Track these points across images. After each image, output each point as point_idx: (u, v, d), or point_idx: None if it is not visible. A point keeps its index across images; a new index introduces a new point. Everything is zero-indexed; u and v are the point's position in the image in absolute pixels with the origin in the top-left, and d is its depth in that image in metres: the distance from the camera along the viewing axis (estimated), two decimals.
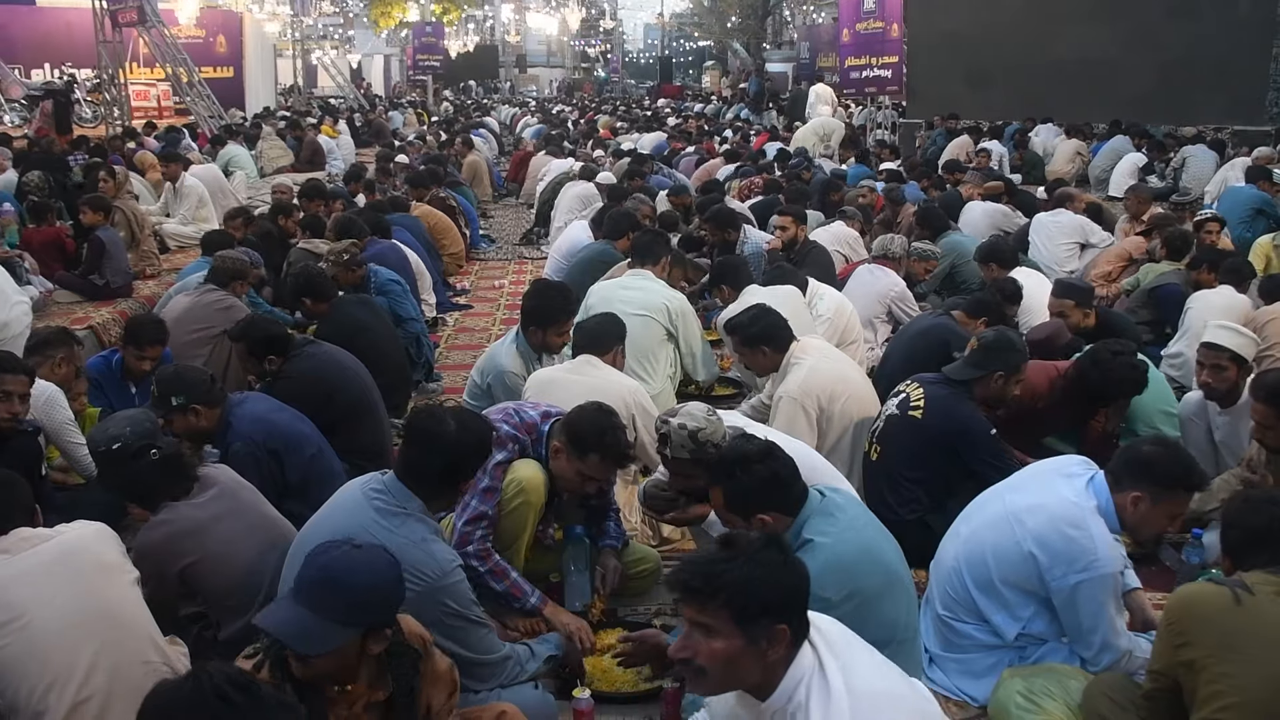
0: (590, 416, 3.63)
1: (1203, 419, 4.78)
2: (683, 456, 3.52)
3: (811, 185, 10.91)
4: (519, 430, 3.77)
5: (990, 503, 3.45)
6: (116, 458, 3.29)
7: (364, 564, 2.44)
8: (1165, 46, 16.24)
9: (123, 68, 18.99)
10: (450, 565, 2.99)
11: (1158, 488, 3.14)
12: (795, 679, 2.19)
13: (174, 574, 3.21)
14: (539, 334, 4.96)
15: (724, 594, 2.14)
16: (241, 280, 6.23)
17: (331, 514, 3.06)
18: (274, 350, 4.80)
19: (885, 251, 6.98)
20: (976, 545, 3.33)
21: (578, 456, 3.60)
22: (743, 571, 2.16)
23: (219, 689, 1.85)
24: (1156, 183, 13.41)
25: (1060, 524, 3.15)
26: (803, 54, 37.21)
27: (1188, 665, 2.58)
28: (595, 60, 61.02)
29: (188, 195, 11.05)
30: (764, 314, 4.74)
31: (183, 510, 3.27)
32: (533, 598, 3.65)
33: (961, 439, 4.20)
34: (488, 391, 5.00)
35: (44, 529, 2.92)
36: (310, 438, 4.29)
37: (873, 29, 19.03)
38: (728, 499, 3.07)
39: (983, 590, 3.29)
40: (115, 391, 5.26)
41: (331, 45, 37.40)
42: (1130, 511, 3.16)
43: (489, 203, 15.02)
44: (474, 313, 9.11)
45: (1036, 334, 5.39)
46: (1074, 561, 3.11)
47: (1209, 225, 7.82)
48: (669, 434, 3.51)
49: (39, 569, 2.74)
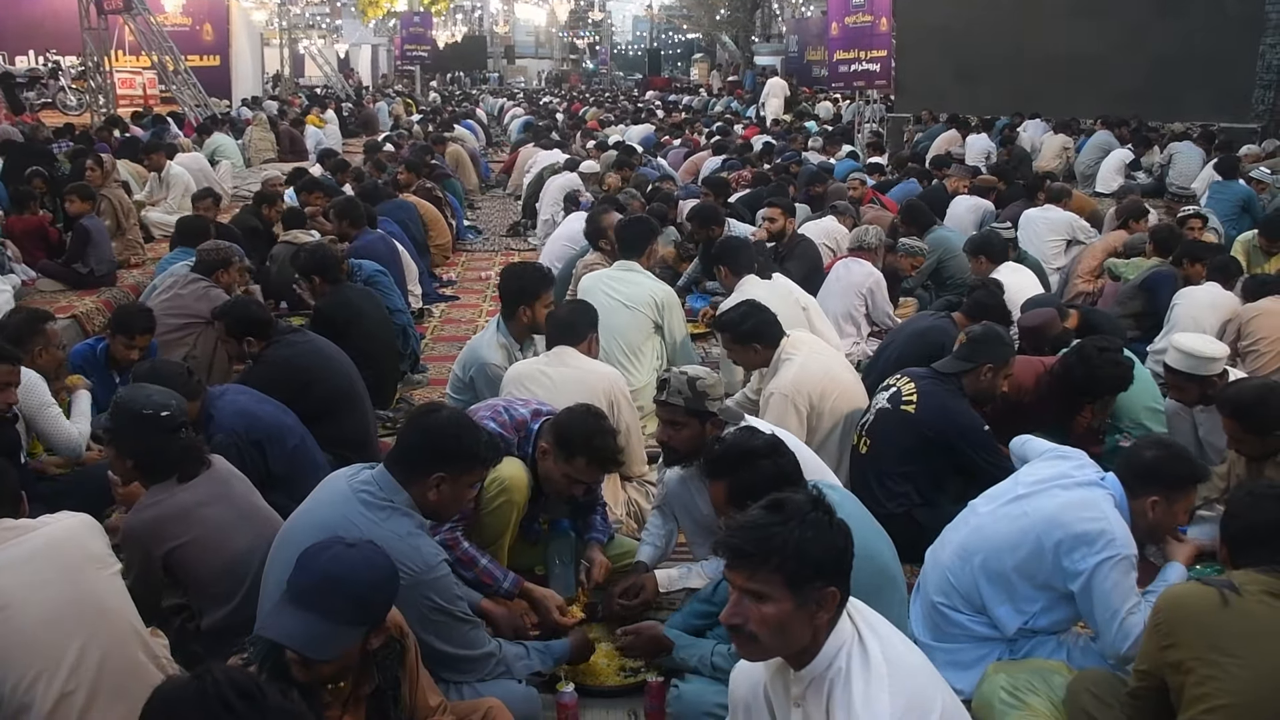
0: (579, 419, 3.62)
1: (1187, 414, 4.83)
2: (677, 403, 3.58)
3: (798, 179, 10.91)
4: (506, 429, 3.75)
5: (1004, 493, 3.43)
6: (154, 424, 3.25)
7: (362, 562, 2.44)
8: (1153, 42, 16.31)
9: (108, 55, 18.82)
10: (435, 560, 2.95)
11: (1170, 489, 3.20)
12: (836, 646, 2.21)
13: (159, 556, 3.18)
14: (528, 311, 4.94)
15: (776, 557, 2.13)
16: (225, 269, 6.19)
17: (316, 506, 3.03)
18: (251, 332, 4.79)
19: (861, 243, 7.00)
20: (991, 534, 3.32)
21: (565, 459, 3.59)
22: (795, 534, 2.15)
23: (223, 695, 1.83)
24: (1144, 178, 13.45)
25: (1077, 509, 3.18)
26: (791, 47, 37.12)
27: (1175, 666, 2.58)
28: (584, 52, 60.86)
29: (173, 184, 11.04)
30: (755, 310, 4.73)
31: (173, 493, 3.25)
32: (505, 582, 3.62)
33: (957, 435, 4.20)
34: (470, 385, 4.97)
35: (28, 519, 2.89)
36: (293, 429, 4.27)
37: (861, 23, 19.00)
38: (731, 493, 3.06)
39: (992, 580, 3.28)
40: (100, 379, 5.22)
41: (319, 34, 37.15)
42: (1150, 516, 3.21)
43: (475, 194, 14.99)
44: (460, 304, 9.09)
45: (1029, 320, 5.38)
46: (1092, 543, 3.12)
47: (1191, 222, 7.85)
48: (669, 379, 3.59)
49: (24, 559, 2.71)
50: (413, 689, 2.68)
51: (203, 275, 6.07)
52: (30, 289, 7.98)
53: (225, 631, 3.16)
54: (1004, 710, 2.99)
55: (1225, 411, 4.08)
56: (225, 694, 1.83)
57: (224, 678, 1.87)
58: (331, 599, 2.36)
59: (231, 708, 1.82)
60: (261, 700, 1.86)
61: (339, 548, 2.45)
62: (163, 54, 19.38)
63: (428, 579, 2.92)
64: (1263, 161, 11.99)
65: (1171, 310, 6.06)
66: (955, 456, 4.21)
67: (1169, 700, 2.62)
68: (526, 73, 56.30)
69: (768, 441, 3.13)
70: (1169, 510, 3.22)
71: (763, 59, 37.69)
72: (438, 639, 2.97)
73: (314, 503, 3.06)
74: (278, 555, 2.95)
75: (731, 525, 2.24)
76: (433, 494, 3.00)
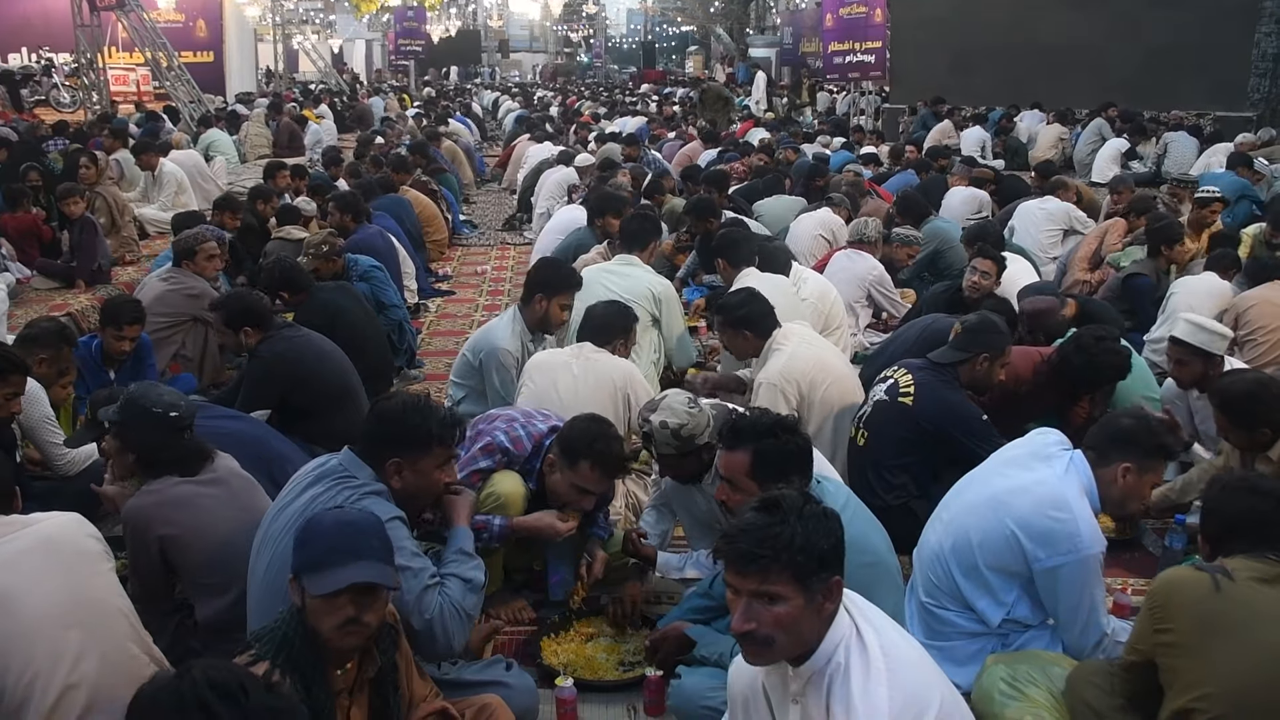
0: (581, 425, 3.61)
1: (1184, 402, 4.82)
2: (669, 453, 3.55)
3: (795, 170, 10.89)
4: (516, 444, 3.72)
5: (971, 487, 3.45)
6: (163, 422, 3.30)
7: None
8: (1149, 32, 16.30)
9: (101, 52, 18.80)
10: (387, 516, 2.81)
11: (1143, 457, 3.22)
12: (834, 641, 2.20)
13: (156, 539, 3.21)
14: (544, 302, 4.93)
15: (785, 555, 2.12)
16: (190, 258, 6.18)
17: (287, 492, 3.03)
18: (249, 322, 4.77)
19: (861, 236, 7.01)
20: (960, 530, 3.33)
21: (569, 465, 3.57)
22: (798, 529, 2.14)
23: (201, 697, 1.79)
24: (1139, 168, 13.45)
25: (1044, 507, 3.16)
26: (786, 39, 37.17)
27: (1167, 648, 2.61)
28: (578, 45, 60.78)
29: (166, 182, 11.02)
30: (752, 299, 4.73)
31: (176, 482, 3.29)
32: (496, 522, 3.59)
33: (955, 426, 4.19)
34: (479, 369, 4.97)
35: (21, 515, 2.88)
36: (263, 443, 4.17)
37: (856, 14, 19.03)
38: (756, 464, 3.01)
39: (967, 575, 3.29)
40: (93, 376, 5.22)
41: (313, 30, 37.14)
42: (1119, 484, 3.21)
43: (470, 189, 14.96)
44: (456, 299, 9.07)
45: (1034, 304, 5.35)
46: (1057, 545, 3.12)
47: (1214, 206, 7.85)
48: (652, 433, 3.53)
49: (21, 555, 2.70)
50: (408, 676, 2.70)
51: (175, 264, 6.13)
52: (25, 286, 7.97)
53: (222, 628, 3.18)
54: (1004, 702, 2.99)
55: (1215, 403, 4.09)
56: (204, 695, 1.79)
57: (204, 678, 1.82)
58: (364, 541, 2.44)
59: (211, 710, 1.79)
60: (244, 699, 1.82)
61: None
62: (156, 50, 19.34)
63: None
64: (1258, 150, 12.00)
65: (1169, 299, 6.05)
66: (953, 448, 4.19)
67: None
68: (521, 67, 56.23)
69: (792, 418, 3.11)
70: (1139, 480, 3.22)
71: (757, 51, 37.71)
72: None
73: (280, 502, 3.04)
74: (261, 550, 2.95)
75: (730, 532, 2.21)
76: (395, 480, 2.96)
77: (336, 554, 2.40)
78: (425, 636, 2.86)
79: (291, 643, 2.40)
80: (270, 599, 2.79)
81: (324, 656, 2.44)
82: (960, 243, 7.26)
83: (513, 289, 9.11)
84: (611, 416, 4.12)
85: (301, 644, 2.41)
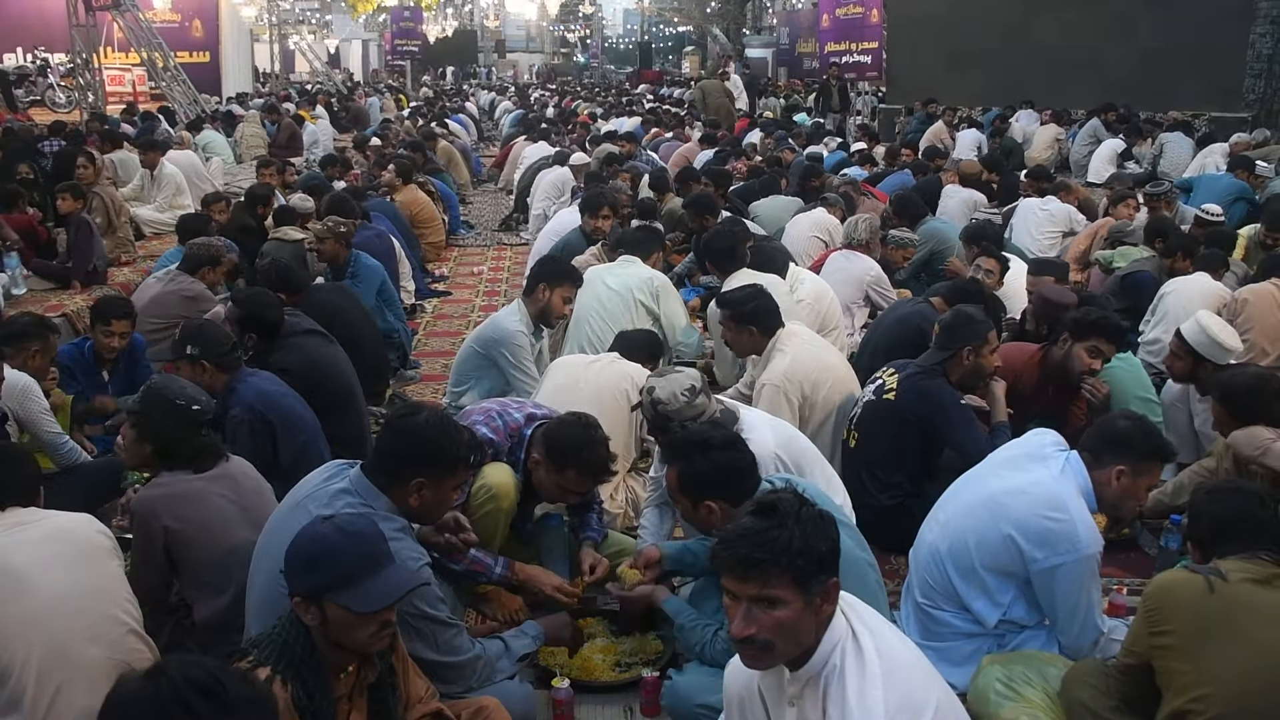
0: (569, 430, 3.61)
1: (1184, 405, 4.83)
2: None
3: (790, 171, 10.89)
4: (498, 434, 3.73)
5: (967, 488, 3.45)
6: (183, 415, 3.35)
7: (352, 517, 2.59)
8: (1145, 33, 16.32)
9: (97, 52, 18.77)
10: (417, 564, 2.83)
11: (1138, 460, 3.22)
12: (830, 644, 2.20)
13: (160, 529, 3.22)
14: (547, 292, 5.07)
15: (785, 559, 2.12)
16: (212, 266, 6.16)
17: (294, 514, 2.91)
18: (251, 329, 4.74)
19: (851, 237, 7.01)
20: (957, 531, 3.34)
21: (556, 470, 3.58)
22: (795, 532, 2.14)
23: (180, 694, 1.75)
24: (1135, 168, 13.45)
25: (1041, 508, 3.17)
26: (782, 39, 37.10)
27: (1163, 651, 2.61)
28: (574, 45, 60.76)
29: (165, 183, 10.97)
30: (759, 295, 4.72)
31: (187, 478, 3.33)
32: (497, 567, 3.60)
33: (933, 411, 4.20)
34: (494, 364, 5.06)
35: (39, 509, 3.00)
36: (307, 425, 4.27)
37: (852, 14, 19.05)
38: (680, 480, 3.12)
39: (963, 576, 3.30)
40: (88, 377, 5.23)
41: (309, 30, 37.12)
42: (1114, 486, 3.22)
43: (467, 189, 14.95)
44: (452, 299, 9.05)
45: (1057, 295, 5.31)
46: (1055, 546, 3.13)
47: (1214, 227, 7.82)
48: (642, 394, 3.72)
49: (34, 542, 2.82)
50: (405, 678, 2.69)
51: (188, 272, 6.06)
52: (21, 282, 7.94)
53: (219, 628, 3.19)
54: (999, 702, 2.99)
55: (1216, 395, 4.12)
56: (183, 694, 1.75)
57: (181, 676, 1.77)
58: (378, 547, 2.45)
59: (191, 708, 1.74)
60: (224, 695, 1.77)
61: (327, 523, 2.48)
62: (152, 51, 19.31)
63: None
64: (1253, 150, 12.00)
65: (1161, 300, 6.03)
66: (937, 436, 4.22)
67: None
68: (517, 67, 56.19)
69: (727, 436, 3.14)
70: (1134, 482, 3.23)
71: (754, 51, 37.68)
72: (422, 644, 2.94)
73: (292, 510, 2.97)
74: (261, 560, 2.93)
75: (727, 538, 2.21)
76: (414, 499, 2.93)
77: (362, 567, 2.39)
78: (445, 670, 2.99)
79: (292, 649, 2.38)
80: (270, 605, 2.76)
81: (325, 663, 2.43)
82: (958, 242, 7.27)
83: (509, 289, 9.11)
84: (624, 416, 4.29)
85: (302, 651, 2.39)
